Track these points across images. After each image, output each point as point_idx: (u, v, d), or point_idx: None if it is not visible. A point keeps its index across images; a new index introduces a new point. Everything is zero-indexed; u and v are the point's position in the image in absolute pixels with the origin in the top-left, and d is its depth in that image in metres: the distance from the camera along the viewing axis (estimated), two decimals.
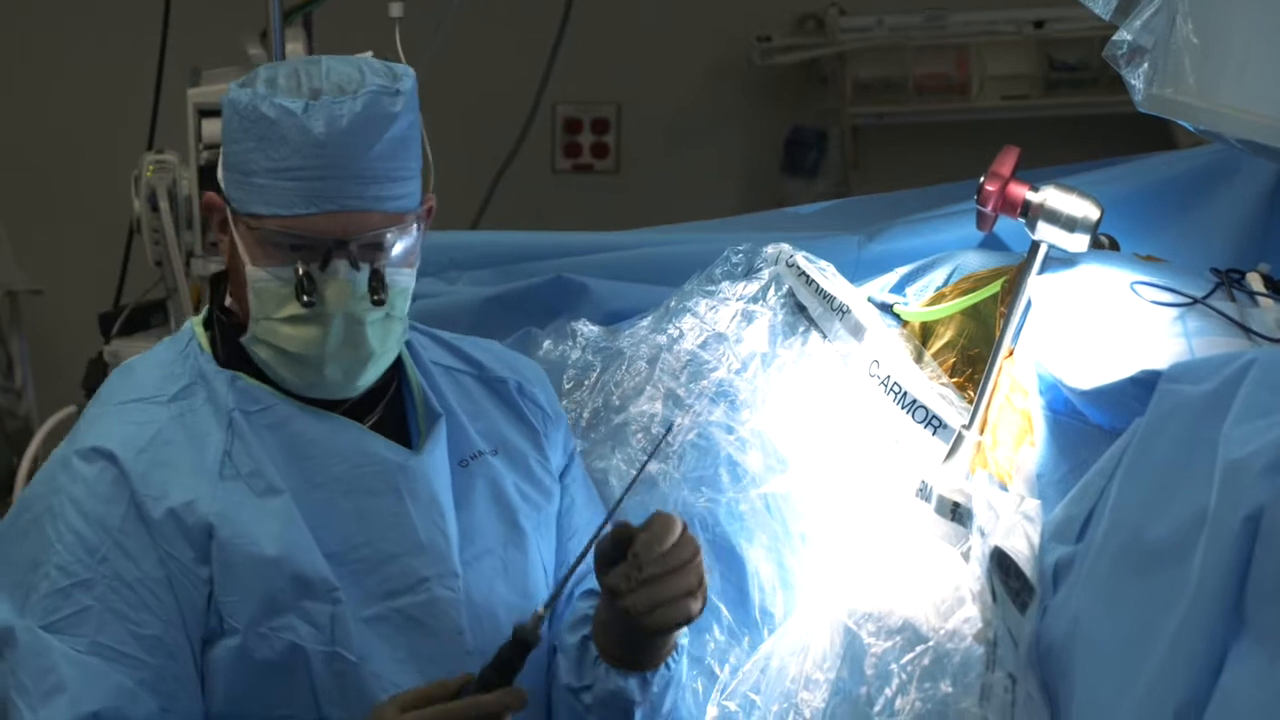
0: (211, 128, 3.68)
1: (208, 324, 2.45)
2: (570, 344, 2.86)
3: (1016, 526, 2.25)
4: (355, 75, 2.31)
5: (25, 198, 5.41)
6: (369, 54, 2.60)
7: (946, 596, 2.34)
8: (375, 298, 2.32)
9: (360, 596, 2.34)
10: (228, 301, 2.43)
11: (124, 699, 2.25)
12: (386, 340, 2.37)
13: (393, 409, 2.45)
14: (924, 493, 2.44)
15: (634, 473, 2.55)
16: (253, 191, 2.31)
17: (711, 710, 2.53)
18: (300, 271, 2.30)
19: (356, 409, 2.41)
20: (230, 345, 2.41)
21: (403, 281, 2.37)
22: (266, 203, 2.30)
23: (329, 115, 2.28)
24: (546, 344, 2.89)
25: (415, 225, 2.37)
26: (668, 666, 2.42)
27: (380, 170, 2.31)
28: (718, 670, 2.57)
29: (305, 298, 2.30)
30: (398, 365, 2.45)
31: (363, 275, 2.31)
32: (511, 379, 2.55)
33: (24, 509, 2.36)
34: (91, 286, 4.73)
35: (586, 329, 2.88)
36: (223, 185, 2.37)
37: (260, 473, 2.34)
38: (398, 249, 2.35)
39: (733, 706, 2.52)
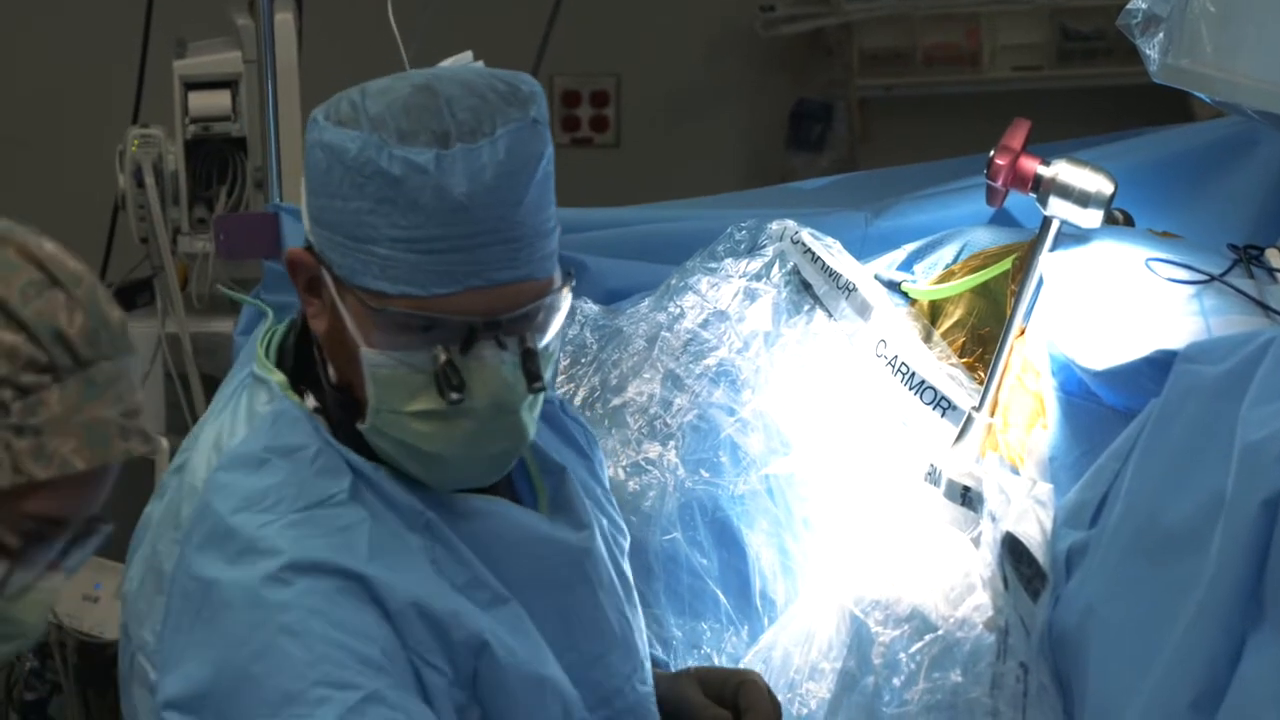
0: (198, 101, 3.68)
1: (298, 388, 2.03)
2: (568, 321, 2.86)
3: (1028, 511, 2.25)
4: (481, 105, 1.91)
5: (4, 173, 5.40)
6: (468, 55, 2.30)
7: (956, 583, 2.34)
8: (535, 385, 1.93)
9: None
10: (332, 374, 2.02)
11: None
12: (535, 418, 1.99)
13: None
14: (933, 476, 2.44)
15: (632, 455, 2.56)
16: (371, 263, 1.91)
17: None
18: (442, 360, 1.90)
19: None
20: (349, 426, 2.00)
21: (554, 348, 2.00)
22: (394, 279, 1.90)
23: (469, 169, 1.88)
24: None
25: (565, 284, 1.98)
26: None
27: (530, 228, 1.92)
28: (716, 659, 2.57)
29: (454, 395, 1.90)
30: None
31: (512, 355, 1.92)
32: (554, 398, 2.19)
33: (222, 670, 1.89)
34: None
35: (586, 306, 2.87)
36: (315, 243, 1.97)
37: (481, 581, 1.97)
38: (551, 319, 1.97)
39: None
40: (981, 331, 2.55)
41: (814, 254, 2.71)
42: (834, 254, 2.71)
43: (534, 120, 1.93)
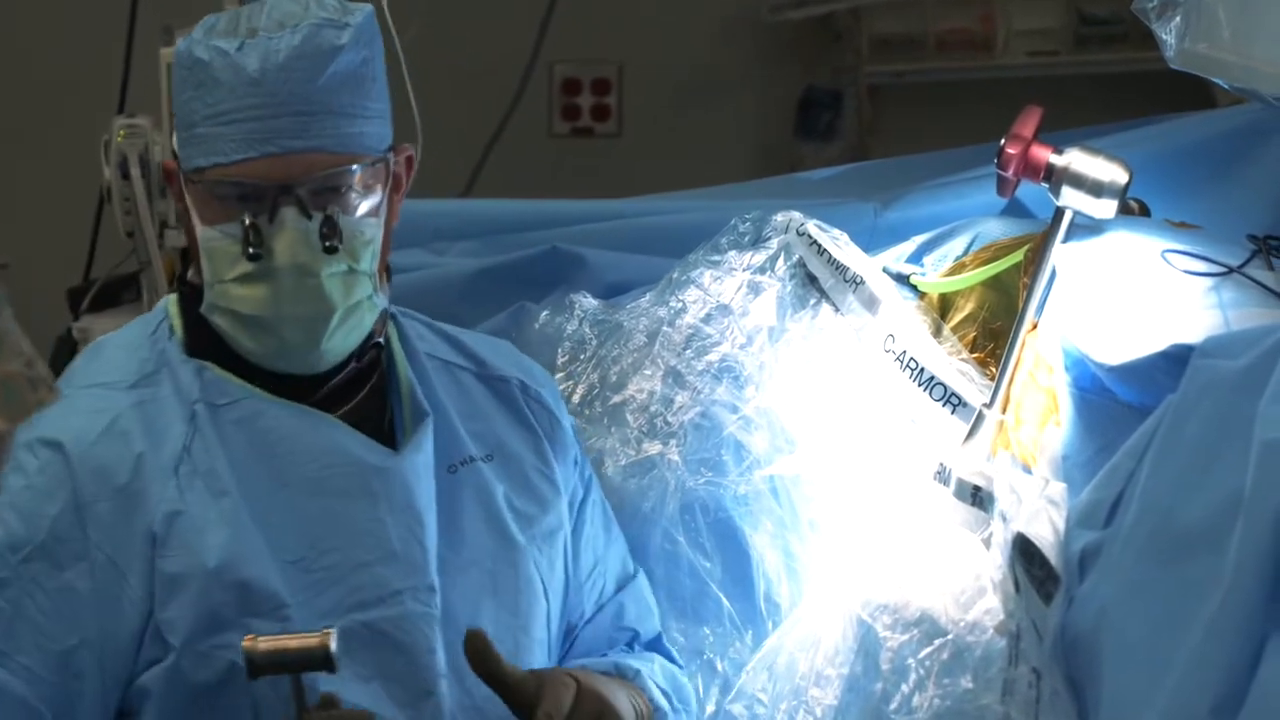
0: None
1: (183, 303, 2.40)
2: (567, 316, 2.86)
3: (1041, 511, 2.25)
4: (298, 11, 2.28)
5: None
6: None
7: (966, 586, 2.34)
8: (327, 244, 2.26)
9: (326, 608, 2.27)
10: (190, 274, 2.38)
11: (19, 714, 2.20)
12: (350, 295, 2.31)
13: (375, 402, 2.39)
14: (942, 475, 2.44)
15: (631, 454, 2.56)
16: (195, 144, 2.28)
17: (711, 709, 2.54)
18: (247, 223, 2.25)
19: (333, 399, 2.36)
20: (196, 324, 2.35)
21: (367, 232, 2.31)
22: (207, 153, 2.27)
23: (264, 51, 2.25)
24: (544, 315, 2.89)
25: (380, 172, 2.33)
26: None
27: (324, 104, 2.27)
28: (719, 665, 2.58)
29: (251, 250, 2.25)
30: (383, 352, 2.40)
31: (314, 224, 2.26)
32: (515, 378, 2.49)
33: None
34: (59, 259, 4.72)
35: (586, 301, 2.88)
36: (174, 146, 2.35)
37: (215, 472, 2.28)
38: (358, 196, 2.30)
39: (739, 710, 2.52)
40: (993, 326, 2.55)
41: (820, 246, 2.71)
42: (841, 246, 2.72)
43: (344, 24, 2.28)
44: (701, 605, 2.61)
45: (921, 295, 2.67)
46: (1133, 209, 2.61)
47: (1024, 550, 2.24)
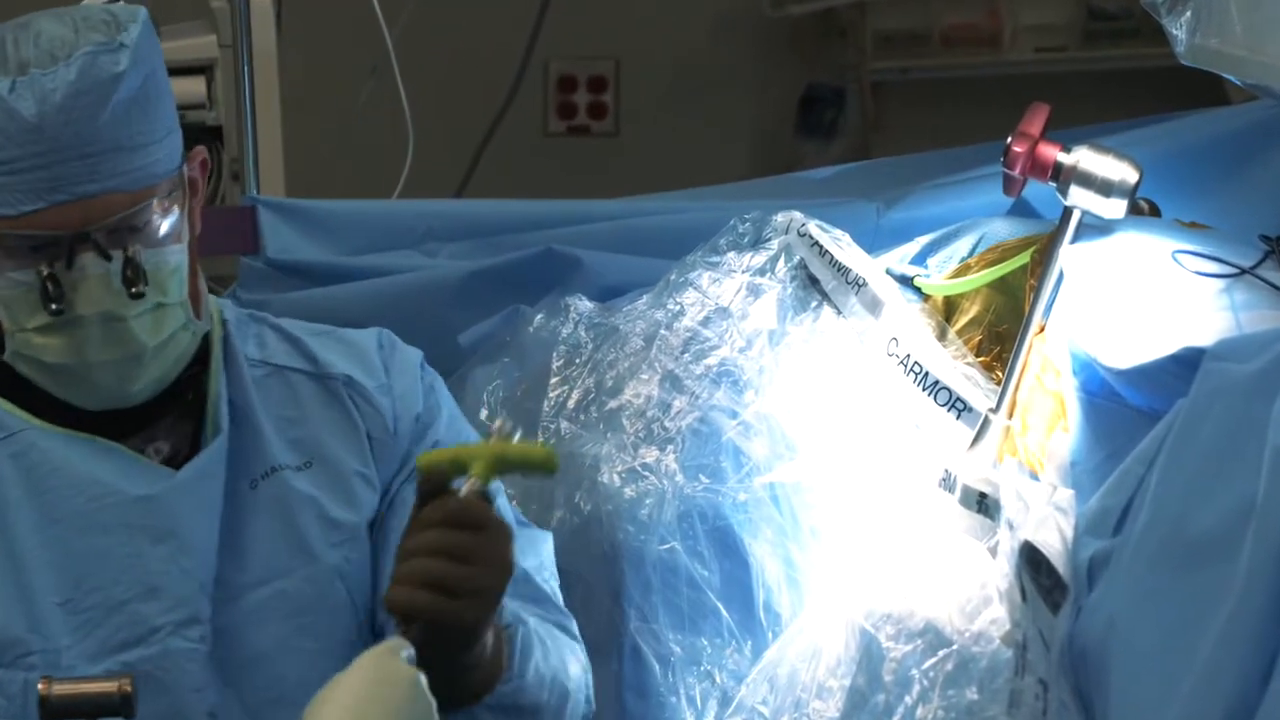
0: (176, 88, 3.68)
1: None
2: (562, 319, 2.86)
3: (1048, 519, 2.25)
4: (68, 35, 2.18)
5: None
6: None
7: (972, 596, 2.34)
8: (132, 290, 2.20)
9: (93, 650, 2.24)
10: None
11: None
12: (161, 331, 2.26)
13: (189, 421, 2.33)
14: (947, 482, 2.44)
15: (628, 461, 2.57)
16: None
17: None
18: (44, 274, 2.18)
19: (141, 422, 2.31)
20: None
21: (172, 260, 2.25)
22: None
23: (39, 92, 2.15)
24: (538, 319, 2.89)
25: (178, 191, 2.27)
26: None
27: (112, 141, 2.19)
28: (717, 676, 2.58)
29: (53, 305, 2.19)
30: (205, 370, 2.35)
31: (116, 265, 2.20)
32: (343, 374, 2.40)
33: None
34: None
35: (581, 304, 2.88)
36: None
37: None
38: (157, 221, 2.23)
39: None
40: (999, 329, 2.56)
41: (822, 247, 2.72)
42: (843, 247, 2.72)
43: (120, 45, 2.18)
44: (699, 615, 2.61)
45: (926, 298, 2.67)
46: (1142, 209, 2.61)
47: (1031, 559, 2.24)
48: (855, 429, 2.59)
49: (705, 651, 2.60)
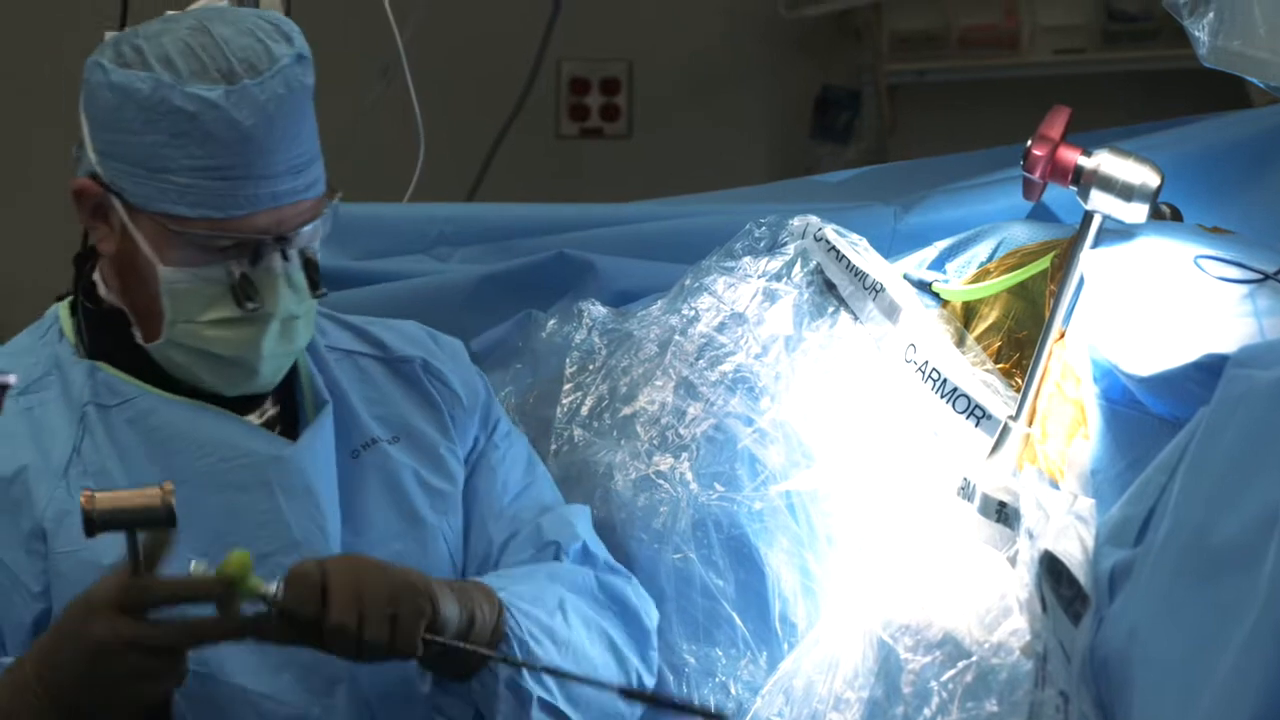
0: None
1: (75, 308, 2.46)
2: (575, 324, 2.86)
3: (1069, 528, 2.25)
4: (257, 46, 2.32)
5: None
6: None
7: (991, 606, 2.34)
8: (316, 291, 2.39)
9: None
10: (101, 290, 2.43)
11: None
12: (311, 327, 2.43)
13: (285, 399, 2.47)
14: (966, 491, 2.44)
15: (641, 468, 2.57)
16: (169, 190, 2.31)
17: None
18: (238, 274, 2.33)
19: (244, 401, 2.43)
20: (98, 335, 2.42)
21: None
22: (193, 204, 2.31)
23: (252, 102, 2.29)
24: (551, 324, 2.89)
25: (334, 197, 2.43)
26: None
27: (310, 151, 2.36)
28: (732, 688, 2.58)
29: (249, 304, 2.34)
30: None
31: (295, 267, 2.36)
32: (418, 358, 2.57)
33: None
34: (51, 265, 4.73)
35: (595, 309, 2.88)
36: (103, 174, 2.36)
37: (107, 471, 2.35)
38: (319, 230, 2.39)
39: None
40: (1018, 335, 2.55)
41: (839, 252, 2.72)
42: (860, 252, 2.72)
43: (300, 55, 2.34)
44: (714, 626, 2.61)
45: (944, 303, 2.67)
46: (1164, 213, 2.61)
47: (1051, 569, 2.24)
48: (873, 436, 2.59)
49: (720, 662, 2.59)
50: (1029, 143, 2.51)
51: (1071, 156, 2.49)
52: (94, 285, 2.44)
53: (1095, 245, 2.47)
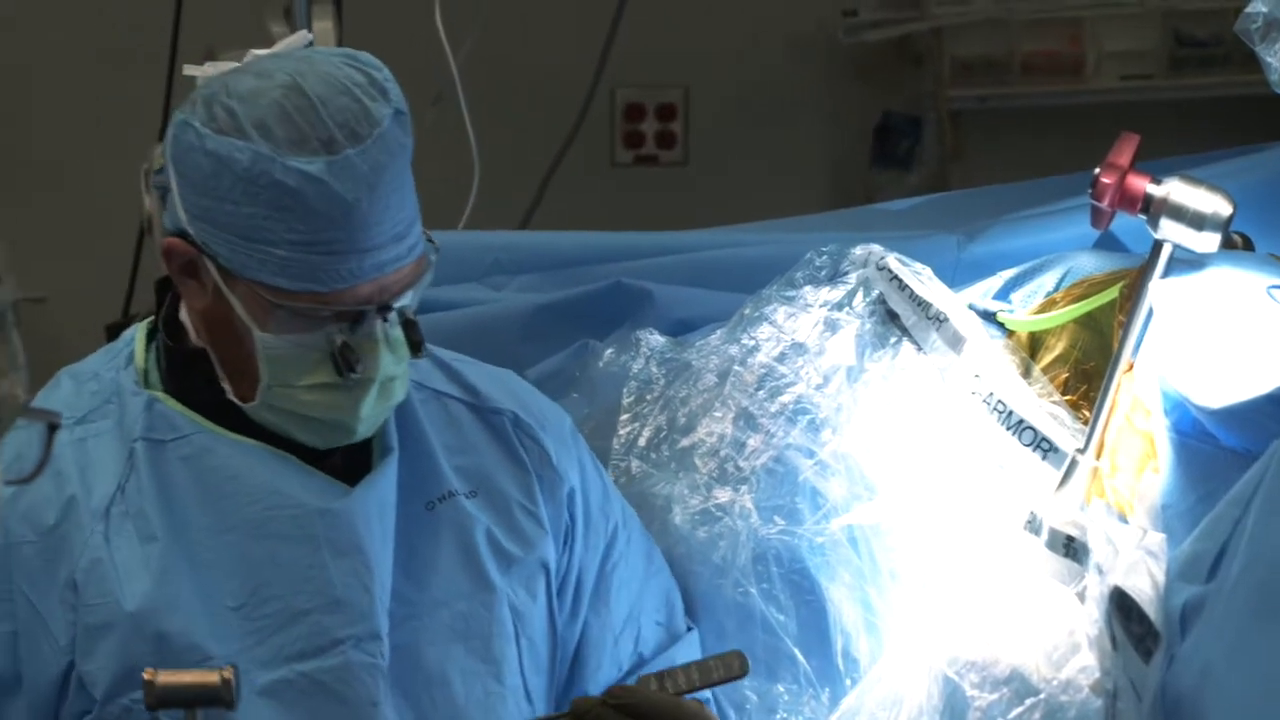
0: None
1: (153, 334, 2.43)
2: (632, 354, 2.86)
3: (1139, 564, 2.24)
4: (355, 107, 2.27)
5: (24, 195, 5.45)
6: (303, 35, 2.50)
7: (1060, 643, 2.33)
8: (418, 353, 2.35)
9: (265, 657, 2.31)
10: (192, 338, 2.38)
11: None
12: (407, 383, 2.40)
13: (361, 442, 2.41)
14: (1033, 525, 2.43)
15: (701, 501, 2.57)
16: (268, 262, 2.27)
17: None
18: (339, 342, 2.29)
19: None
20: (177, 372, 2.38)
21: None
22: (293, 277, 2.27)
23: (356, 175, 2.24)
24: (608, 353, 2.89)
25: (433, 254, 2.39)
26: None
27: (411, 216, 2.32)
28: None
29: (353, 373, 2.30)
30: None
31: (394, 328, 2.32)
32: (509, 411, 2.52)
33: None
34: (99, 293, 4.76)
35: (652, 338, 2.88)
36: (195, 234, 2.31)
37: (145, 514, 2.32)
38: (420, 291, 2.37)
39: None
40: (1086, 366, 2.55)
41: (901, 281, 2.71)
42: (923, 281, 2.71)
43: (398, 111, 2.29)
44: (775, 661, 2.61)
45: (1010, 334, 2.66)
46: (1236, 243, 2.60)
47: (1121, 605, 2.23)
48: (937, 469, 2.58)
49: (782, 699, 2.59)
50: (1097, 170, 2.50)
51: (1140, 184, 2.49)
52: (180, 326, 2.40)
53: (1165, 275, 2.47)
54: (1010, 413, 2.53)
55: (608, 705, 2.32)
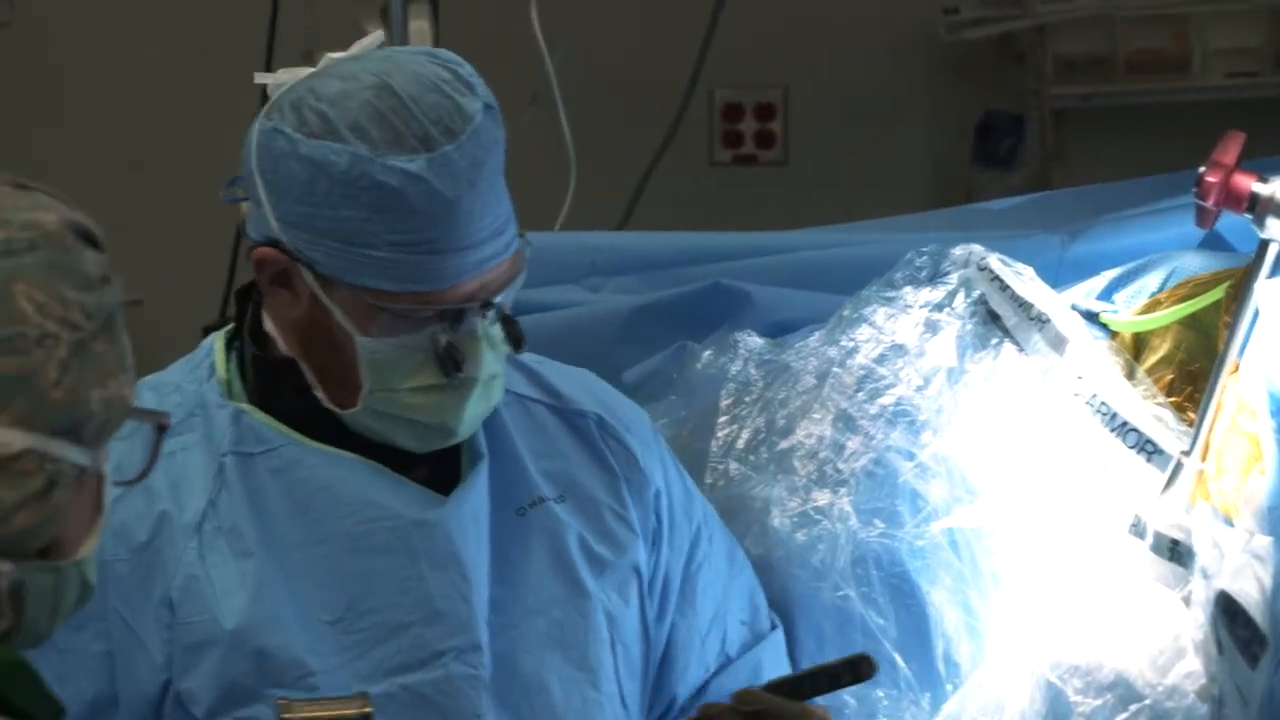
0: None
1: (232, 343, 2.41)
2: (731, 356, 2.87)
3: (1245, 567, 2.23)
4: (446, 103, 2.26)
5: (120, 198, 5.51)
6: (379, 35, 2.50)
7: (1165, 648, 2.33)
8: (520, 348, 2.34)
9: (365, 671, 2.29)
10: (281, 348, 2.36)
11: None
12: (505, 382, 2.39)
13: (451, 446, 2.39)
14: (1138, 528, 2.43)
15: (799, 504, 2.56)
16: (369, 265, 2.26)
17: None
18: (443, 342, 2.28)
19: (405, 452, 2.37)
20: (266, 382, 2.36)
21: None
22: (396, 279, 2.26)
23: (454, 171, 2.24)
24: (706, 355, 2.89)
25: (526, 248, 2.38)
26: None
27: (507, 212, 2.31)
28: None
29: (459, 373, 2.29)
30: None
31: (493, 326, 2.31)
32: (593, 413, 2.49)
33: None
34: (195, 296, 4.80)
35: (751, 340, 2.88)
36: (288, 242, 2.29)
37: (239, 531, 2.31)
38: (517, 286, 2.36)
39: None
40: (1191, 367, 2.54)
41: (1003, 282, 2.71)
42: (1025, 282, 2.71)
43: (487, 105, 2.28)
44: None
45: (1113, 334, 2.66)
46: None
47: (1227, 609, 2.22)
48: (1039, 471, 2.58)
49: (881, 704, 2.58)
50: (1202, 168, 2.49)
51: (1246, 183, 2.47)
52: (265, 335, 2.37)
53: (1271, 275, 2.45)
54: (1114, 415, 2.52)
55: (738, 712, 2.33)
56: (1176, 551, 2.36)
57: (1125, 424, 2.51)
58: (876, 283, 2.83)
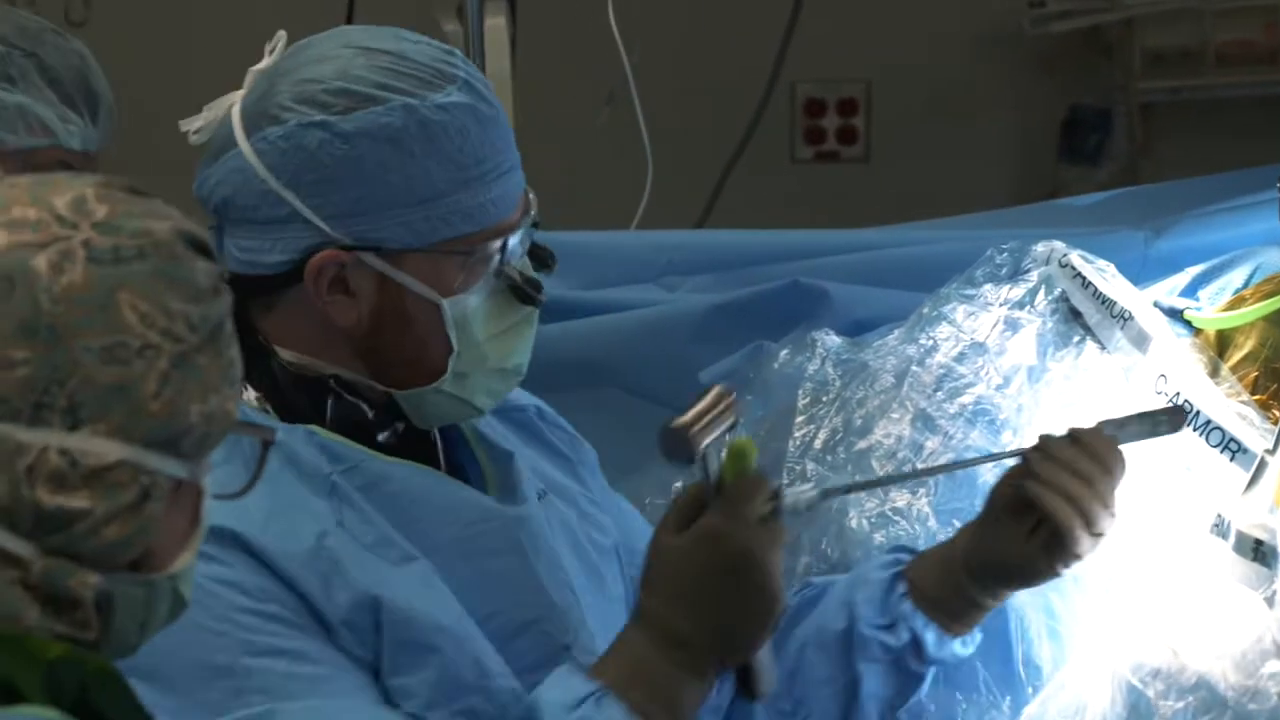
0: None
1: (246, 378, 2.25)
2: (808, 355, 2.88)
3: None
4: (428, 48, 2.27)
5: (188, 200, 5.56)
6: (283, 34, 2.46)
7: (1248, 649, 2.33)
8: (553, 267, 2.32)
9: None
10: (290, 356, 2.27)
11: None
12: None
13: (449, 452, 2.36)
14: (1220, 528, 2.42)
15: (878, 504, 2.57)
16: (442, 216, 2.22)
17: None
18: (517, 275, 2.25)
19: (429, 455, 2.33)
20: (313, 398, 2.28)
21: None
22: (471, 219, 2.23)
23: (482, 94, 2.25)
24: (784, 354, 2.90)
25: None
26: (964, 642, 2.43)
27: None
28: None
29: (539, 294, 2.27)
30: None
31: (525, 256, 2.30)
32: (530, 405, 2.47)
33: None
34: None
35: (829, 339, 2.89)
36: (343, 236, 2.22)
37: (389, 540, 2.23)
38: None
39: None
40: (1276, 365, 2.54)
41: (1085, 279, 2.71)
42: (1108, 279, 2.71)
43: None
44: (954, 670, 2.60)
45: (1197, 332, 2.65)
46: None
47: None
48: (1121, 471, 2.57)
49: (961, 708, 2.58)
50: None
51: None
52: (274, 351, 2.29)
53: None
54: (1197, 413, 2.52)
55: (1078, 441, 2.37)
56: (1260, 551, 2.36)
57: (1209, 422, 2.51)
58: (956, 280, 2.83)
